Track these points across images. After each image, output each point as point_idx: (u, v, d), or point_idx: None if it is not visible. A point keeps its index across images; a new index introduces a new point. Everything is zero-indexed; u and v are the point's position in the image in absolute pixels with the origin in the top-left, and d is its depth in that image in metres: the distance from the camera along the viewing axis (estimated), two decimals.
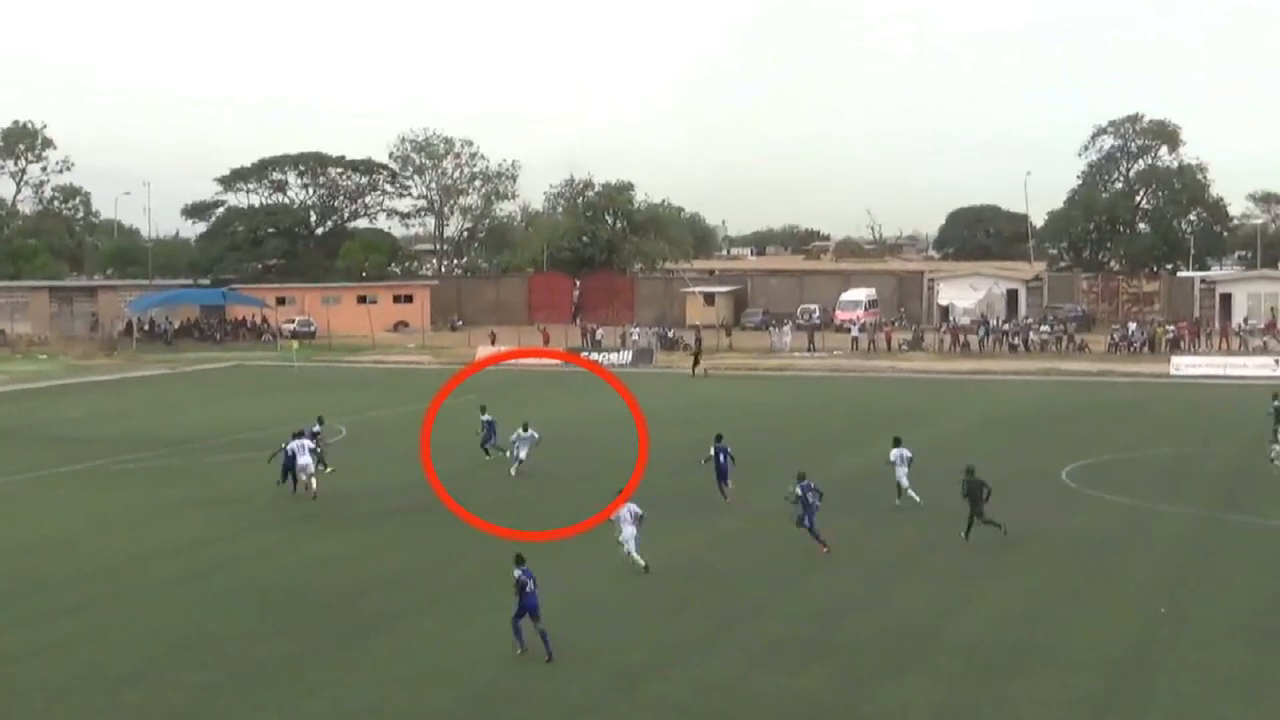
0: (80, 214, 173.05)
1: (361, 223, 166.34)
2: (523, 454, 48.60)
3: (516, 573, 27.65)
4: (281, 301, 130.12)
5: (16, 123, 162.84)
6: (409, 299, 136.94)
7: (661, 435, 58.14)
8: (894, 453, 42.09)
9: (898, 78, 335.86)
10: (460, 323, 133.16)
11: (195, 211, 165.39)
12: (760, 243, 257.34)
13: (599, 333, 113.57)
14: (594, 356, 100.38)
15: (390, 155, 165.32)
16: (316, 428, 48.91)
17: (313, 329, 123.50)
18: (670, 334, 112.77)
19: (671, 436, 57.42)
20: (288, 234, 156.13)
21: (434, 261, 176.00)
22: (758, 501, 42.12)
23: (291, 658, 27.64)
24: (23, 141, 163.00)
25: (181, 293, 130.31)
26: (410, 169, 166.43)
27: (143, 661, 27.43)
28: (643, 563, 33.81)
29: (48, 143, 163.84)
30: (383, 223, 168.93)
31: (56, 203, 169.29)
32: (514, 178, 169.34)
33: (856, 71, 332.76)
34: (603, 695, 25.52)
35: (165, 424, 56.13)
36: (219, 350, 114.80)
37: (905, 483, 41.70)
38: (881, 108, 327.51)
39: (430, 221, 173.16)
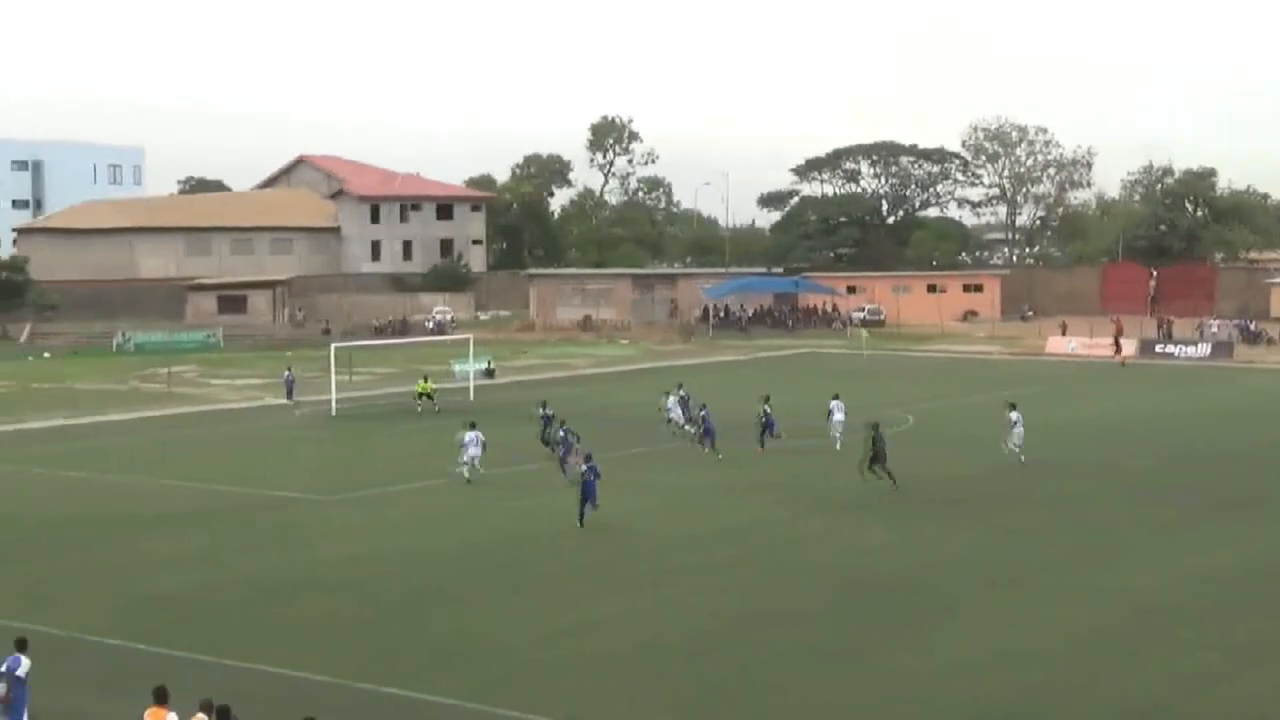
0: (662, 204, 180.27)
1: (932, 211, 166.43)
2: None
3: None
4: (851, 290, 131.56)
5: (605, 118, 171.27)
6: (979, 288, 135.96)
7: (1233, 433, 56.17)
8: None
9: None
10: (1031, 313, 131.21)
11: (770, 201, 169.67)
12: None
13: (1174, 325, 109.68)
14: (1169, 349, 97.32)
15: (962, 143, 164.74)
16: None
17: (882, 317, 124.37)
18: (1253, 327, 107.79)
19: (1240, 435, 55.47)
20: (859, 223, 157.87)
21: (1005, 250, 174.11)
22: None
23: (846, 642, 28.12)
24: (611, 135, 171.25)
25: (755, 280, 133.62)
26: (982, 157, 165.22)
27: (699, 636, 28.47)
28: (470, 476, 45.26)
29: (634, 136, 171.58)
30: (953, 211, 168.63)
31: (640, 194, 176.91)
32: (1089, 165, 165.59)
33: None
34: (1171, 696, 24.82)
35: (731, 409, 57.74)
36: (790, 337, 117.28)
37: None
38: None
39: (1002, 210, 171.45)
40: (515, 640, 28.27)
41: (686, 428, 55.06)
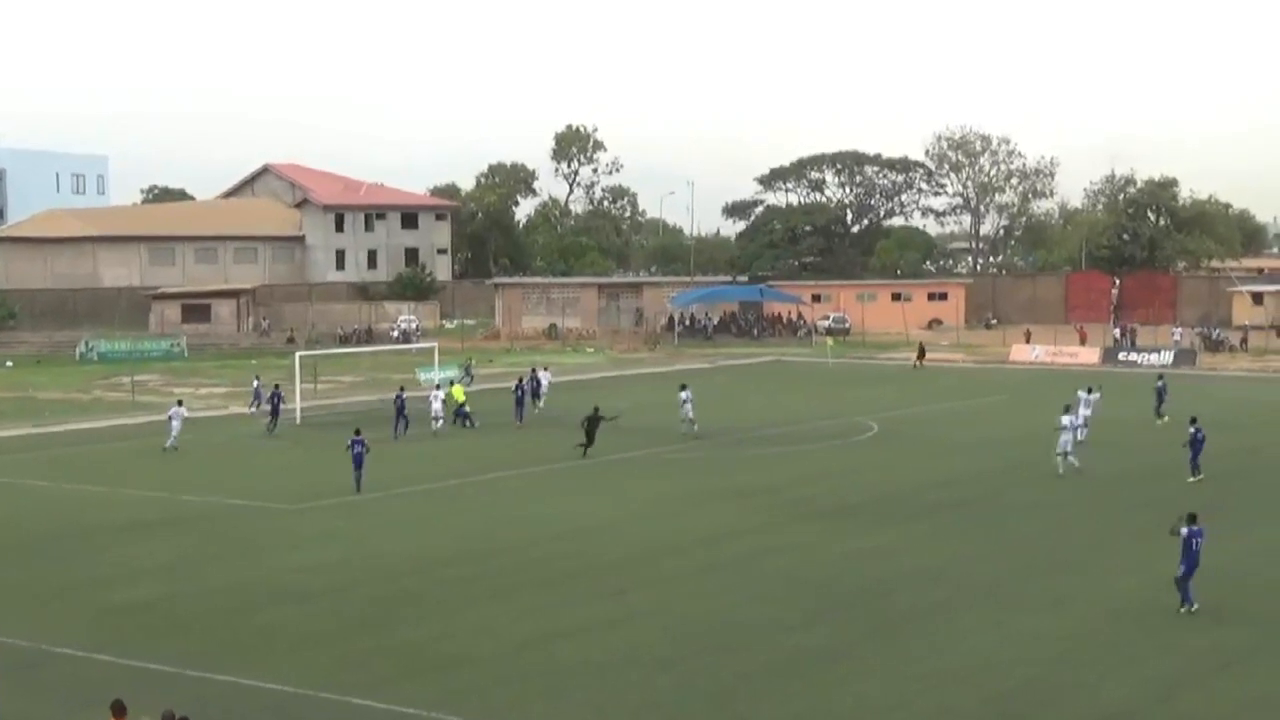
0: (627, 213, 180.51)
1: (897, 220, 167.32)
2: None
3: None
4: (817, 298, 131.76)
5: (570, 127, 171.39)
6: (944, 296, 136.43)
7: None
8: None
9: None
10: (995, 321, 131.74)
11: (735, 210, 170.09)
12: None
13: (1137, 332, 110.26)
14: (1131, 357, 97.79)
15: (926, 153, 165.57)
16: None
17: (847, 325, 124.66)
18: (1215, 334, 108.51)
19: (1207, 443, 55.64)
20: (824, 232, 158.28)
21: (969, 259, 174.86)
22: None
23: (821, 650, 28.08)
24: (575, 145, 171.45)
25: (721, 289, 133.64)
26: (946, 166, 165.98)
27: (678, 646, 28.35)
28: (171, 446, 54.32)
29: (599, 145, 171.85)
30: (918, 220, 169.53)
31: (606, 202, 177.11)
32: (1052, 174, 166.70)
33: None
34: (1137, 704, 24.86)
35: (703, 417, 57.88)
36: (756, 345, 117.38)
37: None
38: None
39: (966, 219, 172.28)
40: (484, 649, 28.15)
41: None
